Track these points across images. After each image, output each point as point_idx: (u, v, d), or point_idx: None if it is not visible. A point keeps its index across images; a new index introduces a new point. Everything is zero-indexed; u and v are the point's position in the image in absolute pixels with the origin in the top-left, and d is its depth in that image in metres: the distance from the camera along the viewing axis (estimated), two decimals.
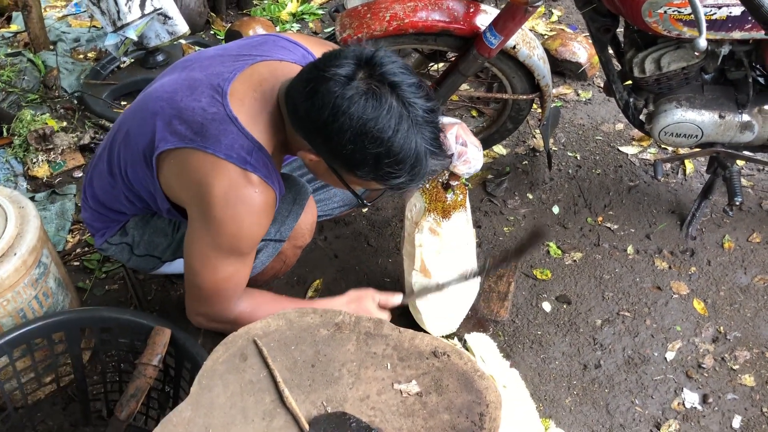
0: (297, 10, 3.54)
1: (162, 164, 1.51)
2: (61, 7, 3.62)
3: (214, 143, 1.43)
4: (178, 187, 1.52)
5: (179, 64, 1.64)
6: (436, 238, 1.87)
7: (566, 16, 3.51)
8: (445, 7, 2.06)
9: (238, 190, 1.44)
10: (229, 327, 1.65)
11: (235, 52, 1.57)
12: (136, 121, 1.58)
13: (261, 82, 1.49)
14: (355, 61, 1.34)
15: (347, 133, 1.33)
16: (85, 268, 2.29)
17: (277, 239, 1.76)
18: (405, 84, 1.34)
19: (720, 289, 2.23)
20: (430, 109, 1.37)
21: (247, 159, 1.43)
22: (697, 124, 2.08)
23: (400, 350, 1.32)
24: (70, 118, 2.87)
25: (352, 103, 1.31)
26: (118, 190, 1.69)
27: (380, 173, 1.39)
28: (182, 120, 1.46)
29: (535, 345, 2.07)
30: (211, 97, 1.46)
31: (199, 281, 1.56)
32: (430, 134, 1.38)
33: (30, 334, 1.63)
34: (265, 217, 1.52)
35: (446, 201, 1.88)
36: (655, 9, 1.80)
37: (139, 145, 1.54)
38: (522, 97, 2.27)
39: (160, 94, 1.54)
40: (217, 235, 1.48)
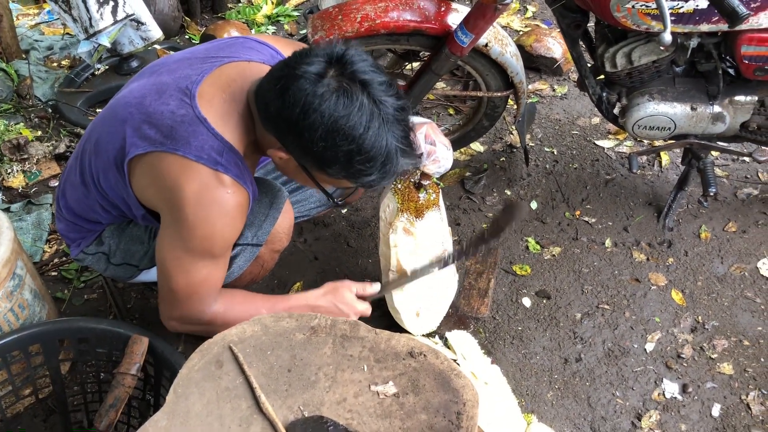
0: (272, 13, 3.54)
1: (133, 170, 1.51)
2: (34, 15, 3.59)
3: (184, 145, 1.42)
4: (151, 192, 1.52)
5: (147, 69, 1.63)
6: (411, 238, 1.87)
7: (541, 11, 3.53)
8: (416, 6, 2.07)
9: (209, 191, 1.43)
10: (204, 329, 1.65)
11: (202, 54, 1.57)
12: (105, 128, 1.57)
13: (230, 83, 1.49)
14: (325, 59, 1.35)
15: (318, 130, 1.33)
16: (63, 278, 2.27)
17: (255, 244, 1.75)
18: (375, 82, 1.35)
19: (697, 279, 2.25)
20: (400, 107, 1.38)
21: (217, 160, 1.43)
22: (669, 117, 2.10)
23: (376, 352, 1.33)
24: (45, 127, 2.85)
25: (323, 101, 1.31)
26: (91, 199, 1.68)
27: (351, 171, 1.39)
28: (151, 124, 1.45)
29: (516, 341, 2.08)
30: (179, 99, 1.46)
31: (173, 285, 1.55)
32: (400, 132, 1.38)
33: (6, 347, 1.61)
34: (238, 218, 1.52)
35: (419, 201, 1.88)
36: (623, 4, 1.81)
37: (110, 152, 1.53)
38: (496, 94, 2.28)
39: (129, 100, 1.54)
40: (189, 237, 1.47)
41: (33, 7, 3.68)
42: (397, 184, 1.91)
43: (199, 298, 1.58)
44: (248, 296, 1.71)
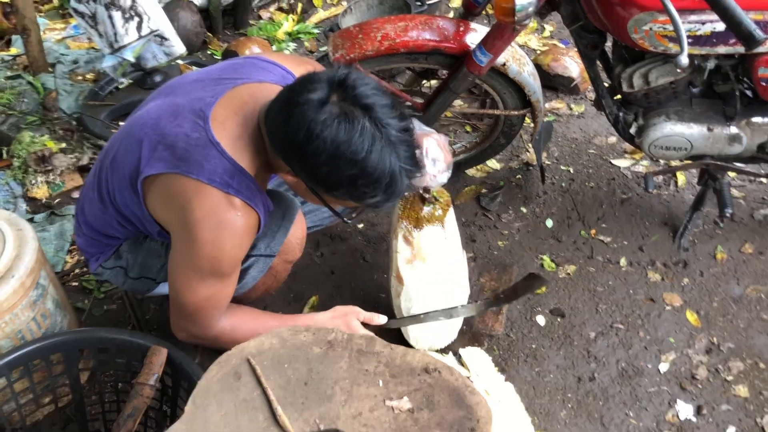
0: (293, 30, 3.59)
1: (147, 189, 1.55)
2: (60, 30, 3.67)
3: (197, 168, 1.46)
4: (163, 211, 1.56)
5: (163, 89, 1.67)
6: (409, 247, 1.90)
7: (558, 31, 3.55)
8: (436, 26, 2.10)
9: (220, 214, 1.47)
10: (211, 343, 1.70)
11: (216, 75, 1.61)
12: (122, 147, 1.62)
13: (242, 106, 1.52)
14: (328, 85, 1.37)
15: (322, 155, 1.35)
16: (84, 289, 2.31)
17: (268, 254, 1.78)
18: (378, 105, 1.37)
19: (713, 300, 2.24)
20: (403, 128, 1.40)
21: (229, 182, 1.47)
22: (686, 137, 2.11)
23: (391, 367, 1.34)
24: (69, 139, 2.90)
25: (325, 127, 1.33)
26: (108, 215, 1.72)
27: (356, 193, 1.42)
28: (166, 146, 1.49)
29: (530, 358, 2.08)
30: (193, 122, 1.50)
31: (182, 300, 1.60)
32: (404, 153, 1.40)
33: (28, 356, 1.64)
34: (246, 240, 1.55)
35: (421, 212, 1.89)
36: (640, 26, 1.83)
37: (126, 170, 1.58)
38: (513, 112, 2.30)
39: (145, 120, 1.58)
40: (198, 257, 1.51)
41: (60, 22, 3.76)
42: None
43: (206, 314, 1.62)
44: (256, 314, 1.75)
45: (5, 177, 2.70)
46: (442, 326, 2.00)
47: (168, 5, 3.29)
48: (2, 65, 3.35)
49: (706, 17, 1.79)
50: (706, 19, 1.79)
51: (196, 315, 1.61)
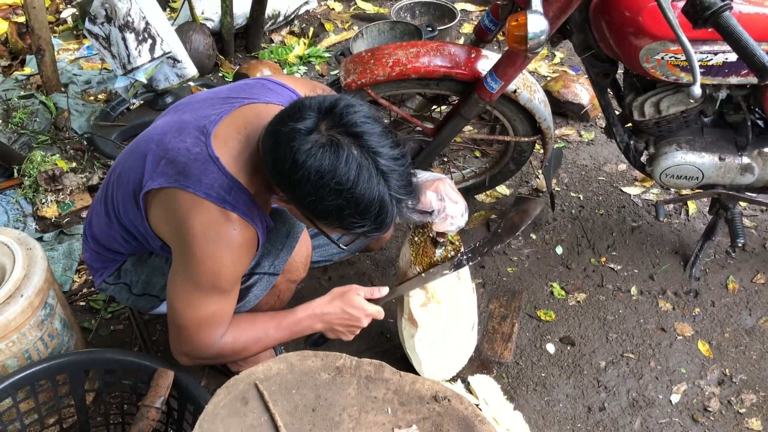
0: (304, 53, 3.61)
1: (149, 204, 1.55)
2: (73, 51, 3.71)
3: (195, 182, 1.46)
4: (163, 226, 1.56)
5: (173, 107, 1.69)
6: (422, 290, 1.86)
7: (569, 58, 3.57)
8: (447, 52, 2.11)
9: (216, 228, 1.47)
10: (213, 361, 1.67)
11: (225, 95, 1.61)
12: (128, 162, 1.63)
13: (246, 125, 1.53)
14: (316, 113, 1.36)
15: (307, 185, 1.34)
16: (91, 309, 2.31)
17: (271, 273, 1.77)
18: (367, 133, 1.35)
19: (725, 331, 2.22)
20: (396, 156, 1.37)
21: (225, 198, 1.46)
22: (697, 167, 2.10)
23: (400, 394, 1.33)
24: (80, 159, 2.92)
25: (309, 157, 1.32)
26: (114, 230, 1.72)
27: (344, 222, 1.40)
28: (168, 160, 1.50)
29: (539, 387, 2.06)
30: (196, 138, 1.50)
31: (182, 321, 1.57)
32: (396, 182, 1.37)
33: (34, 376, 1.64)
34: (244, 255, 1.54)
35: (434, 256, 1.86)
36: (652, 55, 1.83)
37: (130, 185, 1.59)
38: (524, 139, 2.30)
39: (152, 135, 1.60)
40: (196, 272, 1.50)
41: (73, 43, 3.80)
42: (414, 236, 1.90)
43: (207, 333, 1.59)
44: (253, 318, 1.70)
45: (16, 195, 2.71)
46: (451, 355, 1.98)
47: (181, 28, 3.33)
48: (16, 85, 3.38)
49: (718, 48, 1.79)
50: (718, 49, 1.79)
51: (197, 336, 1.58)
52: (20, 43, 3.62)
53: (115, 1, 2.67)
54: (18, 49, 3.64)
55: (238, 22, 3.61)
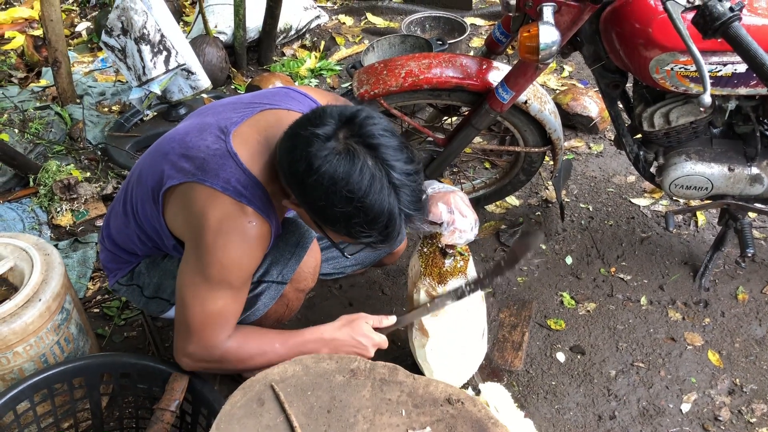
0: (315, 66, 3.66)
1: (167, 200, 1.59)
2: (88, 63, 3.76)
3: (212, 176, 1.49)
4: (179, 220, 1.58)
5: (196, 111, 1.73)
6: None
7: (577, 71, 3.60)
8: (459, 64, 2.14)
9: (231, 220, 1.49)
10: (216, 366, 1.65)
11: (248, 100, 1.66)
12: (149, 161, 1.67)
13: (267, 128, 1.56)
14: (336, 121, 1.38)
15: (319, 190, 1.36)
16: (105, 315, 2.33)
17: (279, 281, 1.78)
18: (384, 146, 1.37)
19: (735, 341, 2.22)
20: (409, 171, 1.40)
21: (242, 192, 1.49)
22: (706, 177, 2.11)
23: (414, 397, 1.34)
24: (94, 169, 2.96)
25: (324, 162, 1.34)
26: (130, 229, 1.75)
27: (351, 231, 1.42)
28: (188, 157, 1.54)
29: (550, 395, 2.07)
30: (216, 136, 1.54)
31: (188, 315, 1.57)
32: (407, 197, 1.40)
33: (51, 379, 1.66)
34: (257, 249, 1.55)
35: (443, 267, 1.87)
36: (662, 66, 1.85)
37: (149, 183, 1.62)
38: (534, 150, 2.32)
39: (174, 136, 1.64)
40: (208, 263, 1.51)
41: (88, 55, 3.86)
42: (423, 247, 1.92)
43: (213, 331, 1.58)
44: (260, 332, 1.71)
45: (31, 204, 2.75)
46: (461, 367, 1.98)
47: (195, 40, 3.38)
48: (32, 96, 3.43)
49: (727, 59, 1.81)
50: (728, 60, 1.82)
51: (202, 333, 1.57)
52: (36, 55, 3.68)
53: (132, 14, 2.72)
54: (34, 61, 3.70)
55: (251, 35, 3.66)
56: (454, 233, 1.79)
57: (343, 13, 4.17)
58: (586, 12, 1.81)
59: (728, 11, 1.46)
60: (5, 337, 1.64)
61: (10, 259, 1.80)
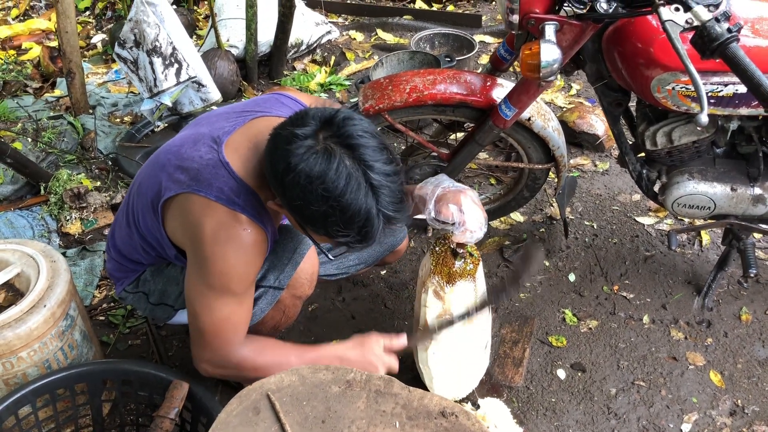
0: (325, 81, 3.70)
1: (166, 212, 1.62)
2: (102, 74, 3.83)
3: (206, 186, 1.53)
4: (179, 231, 1.62)
5: (192, 123, 1.77)
6: (440, 302, 1.89)
7: (585, 89, 3.62)
8: (463, 80, 2.16)
9: (226, 229, 1.52)
10: (234, 373, 1.71)
11: (239, 109, 1.70)
12: (148, 173, 1.71)
13: (257, 135, 1.59)
14: (317, 121, 1.42)
15: (296, 188, 1.40)
16: (110, 323, 2.36)
17: (276, 287, 1.81)
18: (363, 146, 1.40)
19: (737, 362, 2.21)
20: (389, 172, 1.42)
21: (235, 200, 1.52)
22: (709, 197, 2.12)
23: (409, 409, 1.35)
24: (104, 179, 3.00)
25: (301, 161, 1.38)
26: (134, 240, 1.79)
27: (329, 230, 1.45)
28: (183, 169, 1.58)
29: (549, 412, 2.06)
30: (209, 146, 1.58)
31: (199, 324, 1.62)
32: (387, 197, 1.42)
33: (54, 384, 1.68)
34: (255, 256, 1.59)
35: (453, 267, 1.90)
36: (663, 85, 1.87)
37: (149, 194, 1.66)
38: (537, 166, 2.34)
39: (170, 147, 1.68)
40: (208, 274, 1.56)
41: (102, 67, 3.93)
42: (435, 246, 1.95)
43: (225, 337, 1.63)
44: (277, 343, 1.76)
45: (41, 212, 2.79)
46: (465, 375, 1.99)
47: (206, 53, 3.43)
48: (46, 106, 3.49)
49: (728, 79, 1.82)
50: (729, 81, 1.83)
51: (215, 339, 1.63)
52: (51, 66, 3.75)
53: (144, 27, 2.77)
54: (49, 72, 3.77)
55: (262, 49, 3.71)
56: (465, 233, 1.81)
57: (353, 29, 4.23)
58: (588, 31, 1.83)
59: (726, 32, 1.47)
60: (10, 342, 1.67)
61: (17, 265, 1.83)
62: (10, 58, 3.96)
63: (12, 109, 3.44)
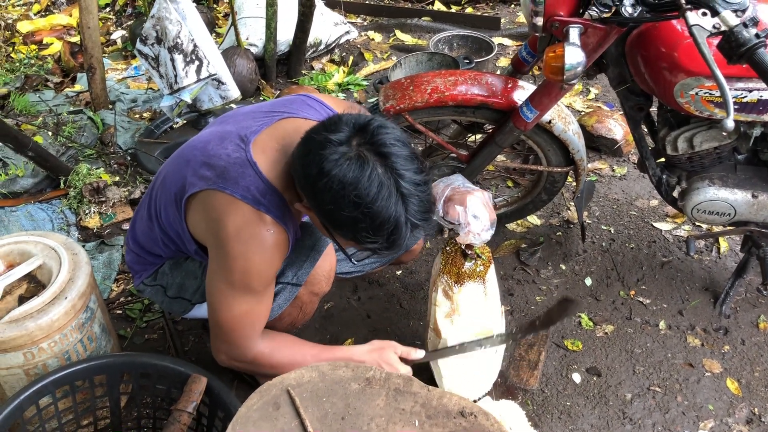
0: (343, 81, 3.71)
1: (189, 207, 1.63)
2: (122, 70, 3.86)
3: (232, 184, 1.53)
4: (201, 226, 1.63)
5: (218, 119, 1.78)
6: (449, 301, 1.91)
7: (603, 94, 3.60)
8: (484, 82, 2.16)
9: (250, 228, 1.53)
10: (250, 368, 1.73)
11: (267, 108, 1.70)
12: (173, 167, 1.72)
13: (285, 136, 1.60)
14: (351, 128, 1.42)
15: (328, 194, 1.40)
16: (127, 317, 2.38)
17: (294, 283, 1.82)
18: (395, 155, 1.40)
19: (755, 370, 2.20)
20: (419, 181, 1.42)
21: (260, 200, 1.53)
22: (729, 203, 2.11)
23: (428, 408, 1.36)
24: (123, 173, 3.02)
25: (335, 166, 1.38)
26: (154, 233, 1.80)
27: (357, 236, 1.45)
28: (209, 165, 1.58)
29: (564, 416, 2.06)
30: (236, 144, 1.59)
31: (218, 318, 1.65)
32: (415, 206, 1.42)
33: (73, 376, 1.70)
34: (276, 256, 1.60)
35: (462, 268, 1.90)
36: (687, 90, 1.86)
37: (172, 189, 1.67)
38: (556, 169, 2.33)
39: (196, 144, 1.69)
40: (229, 271, 1.57)
41: (122, 63, 3.95)
42: (446, 246, 1.95)
43: (243, 333, 1.65)
44: (295, 341, 1.77)
45: (61, 205, 2.82)
46: (477, 377, 1.99)
47: (226, 51, 3.45)
48: (66, 101, 3.52)
49: (753, 85, 1.82)
50: (753, 87, 1.82)
51: (233, 334, 1.65)
52: (72, 61, 3.78)
53: (166, 24, 2.79)
54: (70, 67, 3.80)
55: (281, 48, 3.72)
56: (469, 234, 1.81)
57: (372, 30, 4.23)
58: (612, 35, 1.83)
59: (754, 38, 1.46)
60: (31, 332, 1.69)
61: (39, 257, 1.85)
62: (31, 53, 4.00)
63: (33, 103, 3.47)
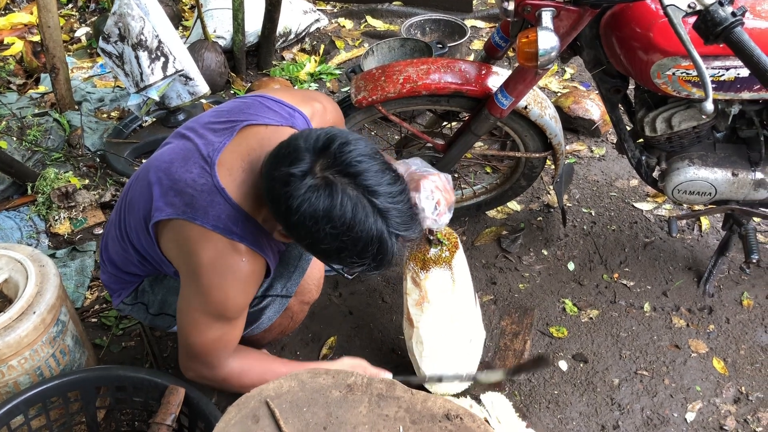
0: (315, 71, 3.64)
1: (160, 232, 1.57)
2: (88, 68, 3.75)
3: (202, 215, 1.47)
4: (173, 254, 1.57)
5: (177, 132, 1.67)
6: (417, 289, 1.89)
7: (579, 74, 3.57)
8: (458, 69, 2.11)
9: (224, 259, 1.47)
10: (218, 386, 1.68)
11: (225, 117, 1.60)
12: (137, 188, 1.64)
13: (249, 152, 1.52)
14: (311, 153, 1.34)
15: (303, 229, 1.33)
16: (103, 325, 2.31)
17: (284, 295, 1.77)
18: (365, 171, 1.33)
19: (740, 348, 2.19)
20: (394, 193, 1.36)
21: (233, 229, 1.47)
22: (710, 182, 2.08)
23: (412, 412, 1.32)
24: (93, 176, 2.94)
25: (303, 202, 1.30)
26: (129, 254, 1.73)
27: (345, 262, 1.40)
28: (176, 191, 1.51)
29: (552, 405, 2.04)
30: (201, 167, 1.51)
31: (190, 342, 1.59)
32: (396, 219, 1.36)
33: (46, 393, 1.64)
34: (252, 285, 1.55)
35: (427, 253, 1.87)
36: (663, 71, 1.83)
37: (140, 212, 1.60)
38: (534, 155, 2.30)
39: (159, 163, 1.59)
40: (205, 301, 1.52)
41: (87, 61, 3.84)
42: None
43: (215, 355, 1.61)
44: (266, 358, 1.74)
45: (29, 212, 2.73)
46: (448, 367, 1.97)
47: (193, 46, 3.36)
48: (30, 103, 3.42)
49: (730, 63, 1.79)
50: (730, 65, 1.79)
51: (204, 356, 1.60)
52: (35, 61, 3.67)
53: (129, 20, 2.70)
54: (33, 67, 3.68)
55: (250, 39, 3.64)
56: (426, 220, 1.75)
57: (342, 17, 4.15)
58: (586, 17, 1.79)
59: (730, 16, 1.43)
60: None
61: (4, 271, 1.78)
62: None
63: None
